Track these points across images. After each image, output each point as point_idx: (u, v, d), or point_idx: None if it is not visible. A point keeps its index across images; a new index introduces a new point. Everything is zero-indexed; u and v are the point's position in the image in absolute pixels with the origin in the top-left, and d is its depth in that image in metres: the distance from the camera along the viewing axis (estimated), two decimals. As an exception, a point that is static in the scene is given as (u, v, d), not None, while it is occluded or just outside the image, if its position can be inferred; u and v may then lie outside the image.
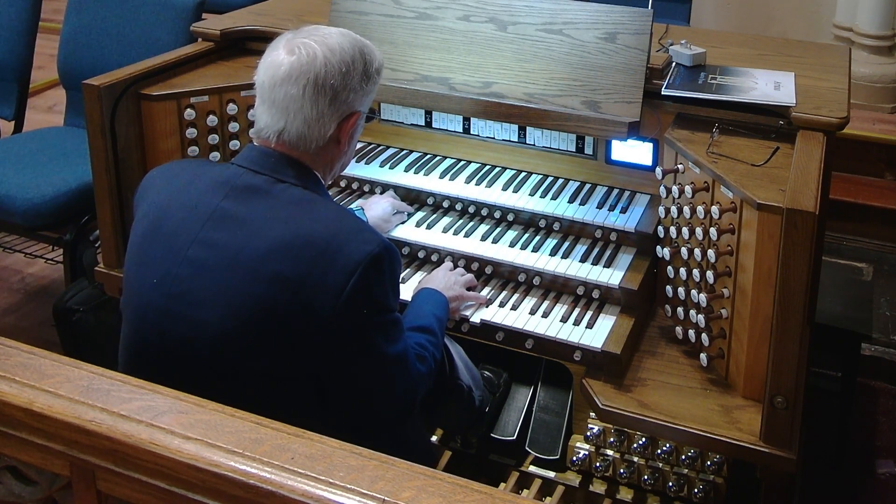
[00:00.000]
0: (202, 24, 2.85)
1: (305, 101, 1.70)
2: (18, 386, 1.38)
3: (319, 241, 1.61)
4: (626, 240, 2.35)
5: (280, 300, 1.59)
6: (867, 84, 4.45)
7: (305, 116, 1.71)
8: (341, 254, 1.60)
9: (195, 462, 1.25)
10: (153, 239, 1.72)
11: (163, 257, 1.68)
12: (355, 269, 1.59)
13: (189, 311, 1.64)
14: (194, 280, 1.64)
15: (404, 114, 2.69)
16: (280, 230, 1.62)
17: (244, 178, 1.70)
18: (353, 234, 1.63)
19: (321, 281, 1.59)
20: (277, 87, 1.71)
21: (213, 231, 1.66)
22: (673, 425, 1.98)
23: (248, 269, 1.61)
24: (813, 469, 2.81)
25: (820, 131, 2.11)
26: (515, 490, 2.28)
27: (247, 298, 1.60)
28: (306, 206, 1.67)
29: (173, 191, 1.75)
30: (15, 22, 3.57)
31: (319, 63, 1.70)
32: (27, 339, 1.63)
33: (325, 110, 1.72)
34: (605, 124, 2.28)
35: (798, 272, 1.77)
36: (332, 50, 1.72)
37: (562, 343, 2.15)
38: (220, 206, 1.67)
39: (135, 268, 1.75)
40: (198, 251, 1.65)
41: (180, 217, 1.70)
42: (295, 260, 1.60)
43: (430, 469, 1.24)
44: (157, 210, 1.74)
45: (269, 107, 1.73)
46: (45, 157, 3.27)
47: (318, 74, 1.70)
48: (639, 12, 2.28)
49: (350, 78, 1.73)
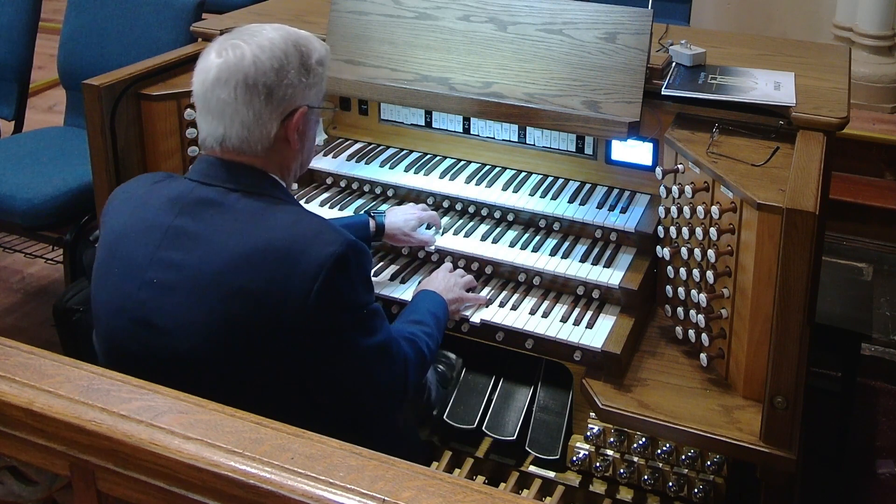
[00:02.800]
0: (202, 24, 2.85)
1: (239, 103, 1.63)
2: (18, 386, 1.38)
3: (278, 248, 1.56)
4: (626, 240, 2.35)
5: (246, 314, 1.55)
6: (867, 84, 4.44)
7: (242, 119, 1.64)
8: (302, 259, 1.56)
9: (195, 462, 1.25)
10: (111, 263, 1.67)
11: (121, 283, 1.64)
12: (318, 272, 1.55)
13: (156, 335, 1.60)
14: (156, 303, 1.60)
15: (404, 114, 2.69)
16: (237, 242, 1.57)
17: (196, 191, 1.65)
18: (312, 238, 1.58)
19: (285, 289, 1.55)
20: (209, 93, 1.65)
21: (169, 251, 1.61)
22: (673, 425, 1.98)
23: (210, 287, 1.56)
24: (813, 469, 2.81)
25: (820, 131, 2.11)
26: (515, 490, 2.27)
27: (213, 317, 1.56)
28: (262, 214, 1.62)
29: (128, 212, 1.70)
30: (15, 22, 3.56)
31: (248, 62, 1.64)
32: (27, 339, 1.63)
33: (261, 110, 1.65)
34: (605, 124, 2.28)
35: (798, 272, 1.77)
36: (262, 47, 1.66)
37: (562, 343, 2.16)
38: (174, 224, 1.62)
39: (97, 295, 1.70)
40: (156, 273, 1.61)
41: (135, 239, 1.65)
42: (256, 271, 1.55)
43: (429, 469, 1.25)
44: (114, 232, 1.70)
45: (206, 114, 1.67)
46: (45, 157, 3.26)
47: (247, 74, 1.63)
48: (639, 12, 2.28)
49: (284, 73, 1.66)
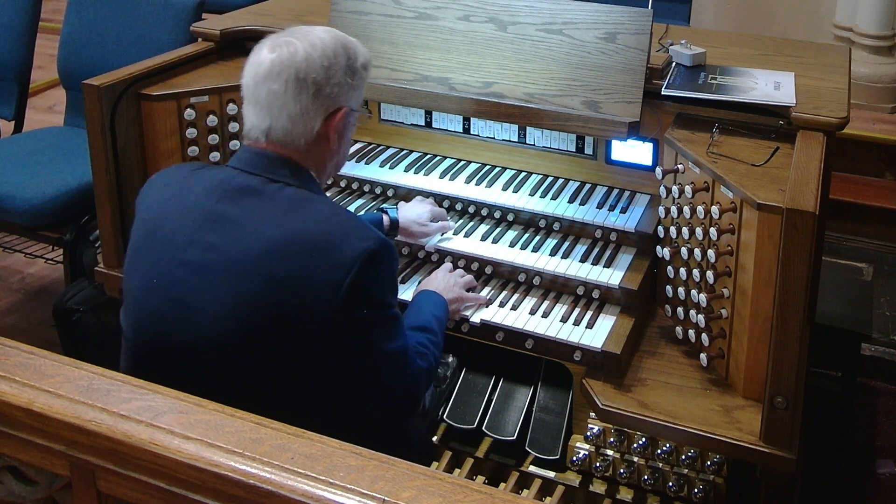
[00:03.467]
0: (202, 24, 2.85)
1: (288, 96, 1.69)
2: (18, 386, 1.38)
3: (314, 239, 1.61)
4: (626, 240, 2.35)
5: (277, 300, 1.59)
6: (867, 84, 4.44)
7: (289, 112, 1.70)
8: (337, 251, 1.60)
9: (195, 462, 1.25)
10: (149, 243, 1.72)
11: (158, 260, 1.68)
12: (351, 266, 1.59)
13: (186, 314, 1.64)
14: (190, 282, 1.64)
15: (404, 114, 2.69)
16: (275, 230, 1.62)
17: (238, 179, 1.70)
18: (348, 232, 1.63)
19: (317, 279, 1.58)
20: (260, 85, 1.71)
21: (208, 233, 1.65)
22: (673, 425, 1.98)
23: (244, 270, 1.60)
24: (813, 469, 2.81)
25: (820, 131, 2.11)
26: (515, 490, 2.27)
27: (244, 299, 1.60)
28: (301, 204, 1.67)
29: (169, 195, 1.75)
30: (15, 22, 3.56)
31: (300, 58, 1.70)
32: (27, 339, 1.62)
33: (308, 105, 1.71)
34: (605, 124, 2.28)
35: (798, 272, 1.77)
36: (314, 45, 1.72)
37: (562, 343, 2.15)
38: (215, 208, 1.67)
39: (131, 273, 1.75)
40: (193, 254, 1.65)
41: (175, 221, 1.69)
42: (290, 259, 1.59)
43: (429, 469, 1.24)
44: (152, 215, 1.74)
45: (254, 106, 1.73)
46: (45, 157, 3.27)
47: (298, 69, 1.69)
48: (639, 12, 2.28)
49: (333, 72, 1.72)
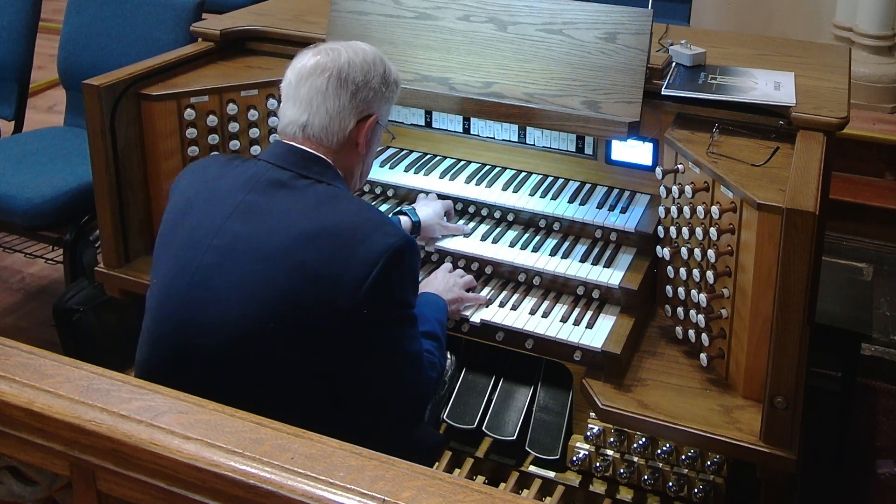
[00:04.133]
0: (202, 24, 2.85)
1: (329, 92, 1.78)
2: (18, 386, 1.38)
3: (343, 232, 1.64)
4: (626, 240, 2.35)
5: (301, 290, 1.61)
6: (867, 84, 4.44)
7: (328, 108, 1.78)
8: (364, 245, 1.63)
9: (195, 462, 1.25)
10: (178, 229, 1.77)
11: (186, 246, 1.72)
12: (377, 260, 1.62)
13: (210, 298, 1.67)
14: (217, 268, 1.67)
15: (404, 114, 2.69)
16: (304, 222, 1.66)
17: (270, 173, 1.75)
18: (376, 227, 1.67)
19: (343, 272, 1.61)
20: (303, 82, 1.79)
21: (237, 222, 1.69)
22: (673, 425, 1.98)
23: (272, 259, 1.64)
24: (813, 469, 2.81)
25: (820, 131, 2.11)
26: (515, 490, 2.28)
27: (268, 287, 1.63)
28: (330, 199, 1.71)
29: (201, 184, 1.81)
30: (15, 22, 3.56)
31: (343, 61, 1.80)
32: (27, 339, 1.62)
33: (346, 104, 1.79)
34: (605, 124, 2.28)
35: (798, 272, 1.77)
36: (356, 51, 1.83)
37: (562, 343, 2.15)
38: (246, 199, 1.72)
39: (159, 257, 1.80)
40: (222, 241, 1.69)
41: (206, 208, 1.74)
42: (318, 251, 1.62)
43: (430, 469, 1.24)
44: (184, 201, 1.80)
45: (294, 102, 1.80)
46: (45, 157, 3.26)
47: (341, 69, 1.79)
48: (639, 12, 2.28)
49: (371, 77, 1.82)
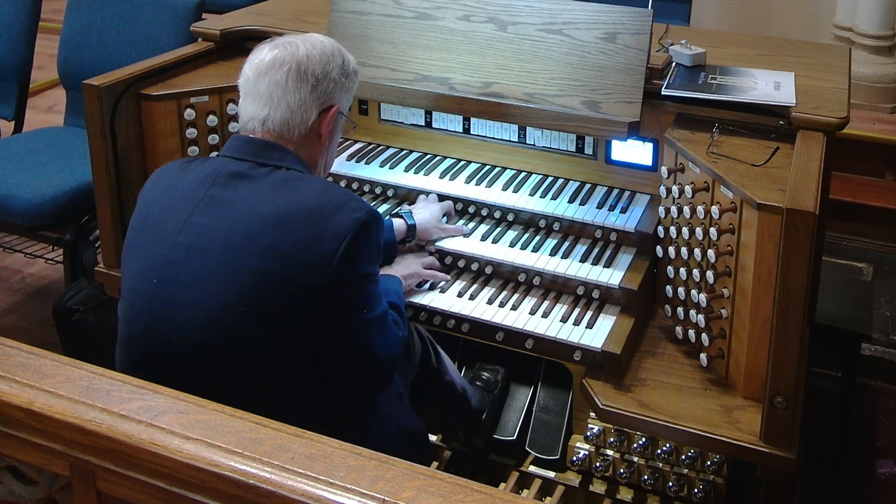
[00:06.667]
0: (202, 24, 2.85)
1: (289, 86, 1.79)
2: (18, 386, 1.38)
3: (309, 211, 1.67)
4: (626, 240, 2.35)
5: (271, 272, 1.63)
6: (867, 84, 4.44)
7: (289, 102, 1.79)
8: (331, 222, 1.65)
9: (195, 462, 1.25)
10: (143, 231, 1.78)
11: (151, 246, 1.73)
12: (345, 235, 1.65)
13: (178, 293, 1.68)
14: (184, 263, 1.69)
15: (404, 114, 2.69)
16: (268, 206, 1.67)
17: (229, 166, 1.76)
18: (341, 203, 1.69)
19: (312, 249, 1.64)
20: (262, 77, 1.80)
21: (201, 217, 1.71)
22: (673, 425, 1.98)
23: (240, 247, 1.65)
24: (813, 469, 2.81)
25: (820, 131, 2.11)
26: (515, 490, 2.28)
27: (238, 274, 1.64)
28: (292, 182, 1.73)
29: (161, 188, 1.81)
30: (15, 22, 3.56)
31: (301, 54, 1.81)
32: (27, 339, 1.62)
33: (306, 97, 1.80)
34: (605, 124, 2.28)
35: (798, 272, 1.77)
36: (314, 45, 1.84)
37: (562, 343, 2.15)
38: (208, 193, 1.73)
39: (126, 261, 1.81)
40: (187, 236, 1.70)
41: (169, 208, 1.75)
42: (286, 232, 1.64)
43: (430, 469, 1.25)
44: (146, 206, 1.81)
45: (254, 98, 1.81)
46: (45, 157, 3.26)
47: (300, 62, 1.80)
48: (639, 12, 2.28)
49: (330, 69, 1.83)
